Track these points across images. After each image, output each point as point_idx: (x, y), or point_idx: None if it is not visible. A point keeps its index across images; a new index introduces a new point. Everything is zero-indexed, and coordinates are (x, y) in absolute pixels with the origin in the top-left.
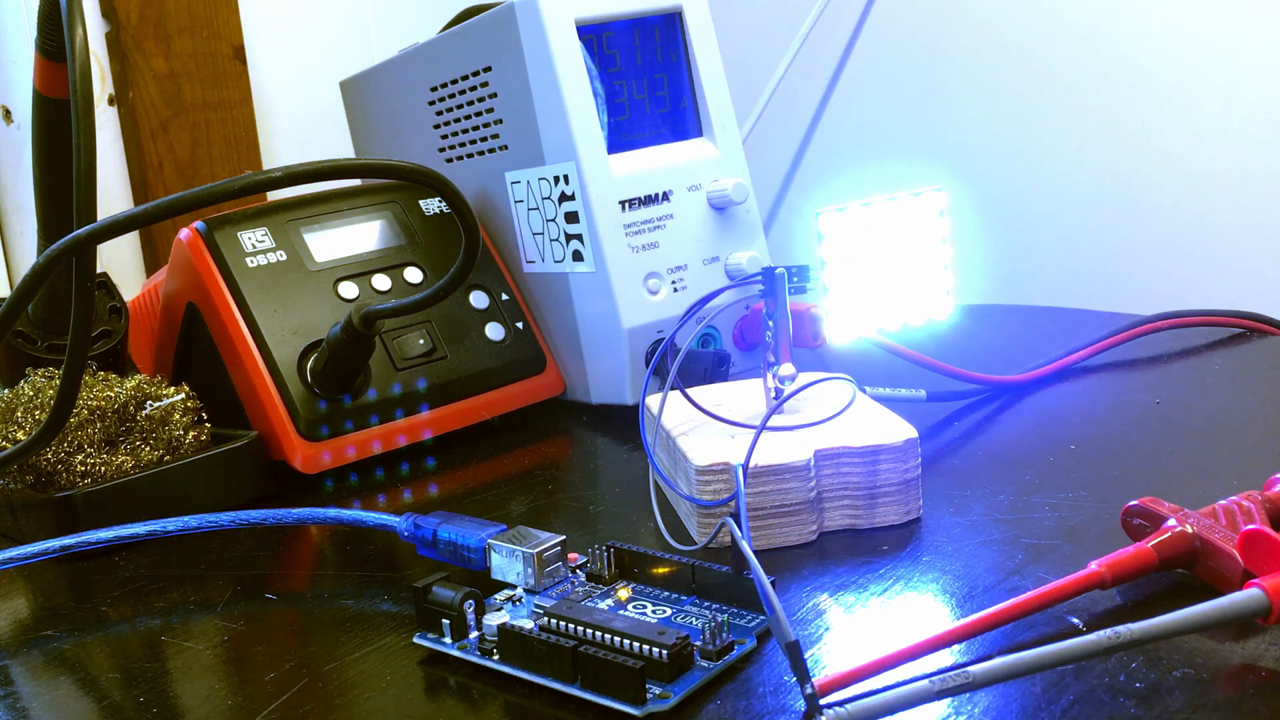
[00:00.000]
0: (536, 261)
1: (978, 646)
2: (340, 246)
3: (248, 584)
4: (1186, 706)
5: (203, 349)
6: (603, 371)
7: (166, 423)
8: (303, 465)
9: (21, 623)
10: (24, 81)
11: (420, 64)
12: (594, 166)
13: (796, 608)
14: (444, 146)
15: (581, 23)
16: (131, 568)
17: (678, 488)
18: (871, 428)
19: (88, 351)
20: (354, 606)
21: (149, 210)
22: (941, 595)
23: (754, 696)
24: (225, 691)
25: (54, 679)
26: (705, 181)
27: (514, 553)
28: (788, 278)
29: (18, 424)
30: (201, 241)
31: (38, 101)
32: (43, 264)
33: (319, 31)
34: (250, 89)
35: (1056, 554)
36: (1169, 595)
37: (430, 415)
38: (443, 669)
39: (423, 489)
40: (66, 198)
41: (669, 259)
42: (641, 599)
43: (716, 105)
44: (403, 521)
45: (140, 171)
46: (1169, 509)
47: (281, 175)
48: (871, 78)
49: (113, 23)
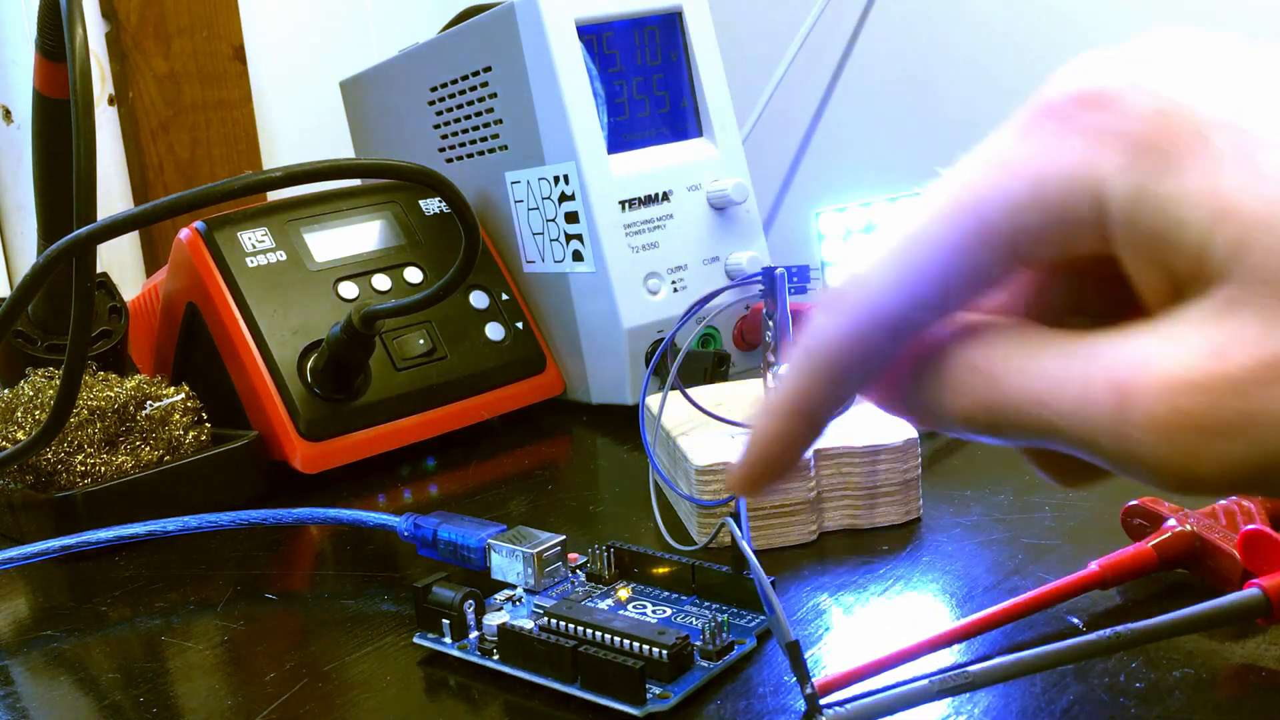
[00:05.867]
0: (536, 261)
1: (978, 646)
2: (340, 246)
3: (248, 584)
4: (1186, 706)
5: (203, 349)
6: (603, 371)
7: (166, 423)
8: (303, 465)
9: (21, 623)
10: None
11: (420, 64)
12: (594, 166)
13: (796, 608)
14: (444, 146)
15: (581, 23)
16: (131, 568)
17: (678, 488)
18: (871, 427)
19: (88, 351)
20: (354, 606)
21: (149, 210)
22: (941, 595)
23: (754, 696)
24: (225, 691)
25: (54, 679)
26: (705, 181)
27: (514, 553)
28: (788, 278)
29: (18, 424)
30: (201, 241)
31: (38, 101)
32: (43, 264)
33: (319, 31)
34: (250, 89)
35: (1056, 554)
36: (1169, 595)
37: (430, 415)
38: (443, 669)
39: (423, 489)
40: (66, 198)
41: (669, 259)
42: (641, 599)
43: (716, 105)
44: (402, 521)
45: (140, 171)
46: (1169, 509)
47: (281, 175)
48: (871, 78)
49: (113, 23)
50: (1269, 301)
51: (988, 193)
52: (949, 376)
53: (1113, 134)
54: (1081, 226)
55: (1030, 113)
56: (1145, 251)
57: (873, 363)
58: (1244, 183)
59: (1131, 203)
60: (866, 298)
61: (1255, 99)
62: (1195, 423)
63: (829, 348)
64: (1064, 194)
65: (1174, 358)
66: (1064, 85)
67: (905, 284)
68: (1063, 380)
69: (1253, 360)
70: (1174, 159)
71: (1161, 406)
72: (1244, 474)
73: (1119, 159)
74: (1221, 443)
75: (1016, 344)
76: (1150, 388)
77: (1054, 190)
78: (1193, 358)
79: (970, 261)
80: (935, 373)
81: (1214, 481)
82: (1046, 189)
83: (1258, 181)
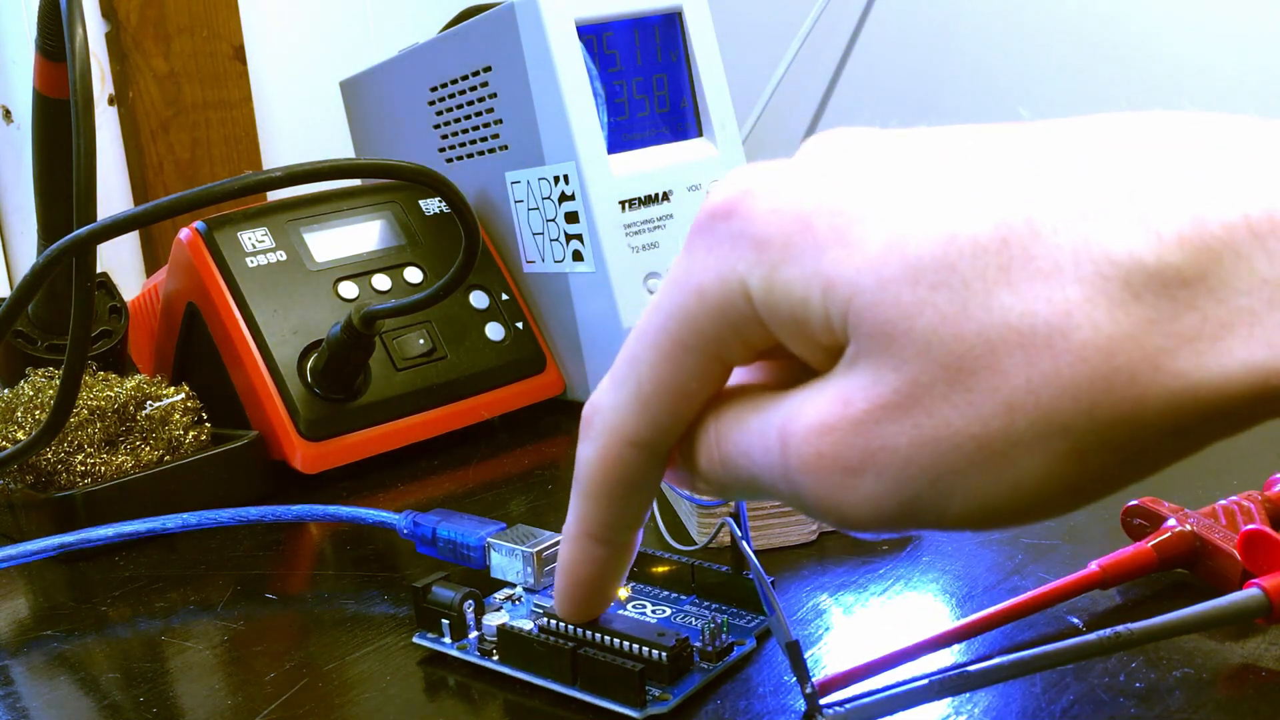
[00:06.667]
0: (536, 261)
1: (978, 646)
2: (340, 246)
3: (248, 584)
4: (1186, 706)
5: (203, 349)
6: (603, 371)
7: (166, 423)
8: (303, 465)
9: (21, 623)
10: (24, 81)
11: (420, 64)
12: (594, 166)
13: (796, 608)
14: (444, 146)
15: (581, 23)
16: (131, 568)
17: (678, 488)
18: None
19: (88, 351)
20: (354, 606)
21: (149, 210)
22: (941, 595)
23: (754, 696)
24: (225, 691)
25: (54, 679)
26: (705, 181)
27: (514, 551)
28: None
29: (18, 424)
30: (201, 241)
31: (38, 101)
32: (43, 264)
33: (319, 31)
34: (250, 89)
35: (1056, 554)
36: (1169, 595)
37: (430, 415)
38: (442, 669)
39: (423, 489)
40: (66, 198)
41: (669, 259)
42: (641, 599)
43: (716, 105)
44: (402, 519)
45: (140, 171)
46: (1169, 509)
47: (281, 175)
48: (871, 78)
49: (113, 23)
50: (875, 353)
51: (669, 309)
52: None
53: (739, 237)
54: (746, 321)
55: (691, 231)
56: (791, 332)
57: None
58: (840, 256)
59: (765, 293)
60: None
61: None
62: (832, 463)
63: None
64: (720, 298)
65: (814, 407)
66: (711, 200)
67: (635, 411)
68: (755, 433)
69: (867, 404)
70: (789, 249)
71: (808, 449)
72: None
73: (749, 256)
74: (856, 479)
75: (736, 408)
76: (798, 434)
77: (713, 297)
78: (827, 406)
79: (678, 370)
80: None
81: (866, 518)
82: (708, 297)
83: (850, 253)
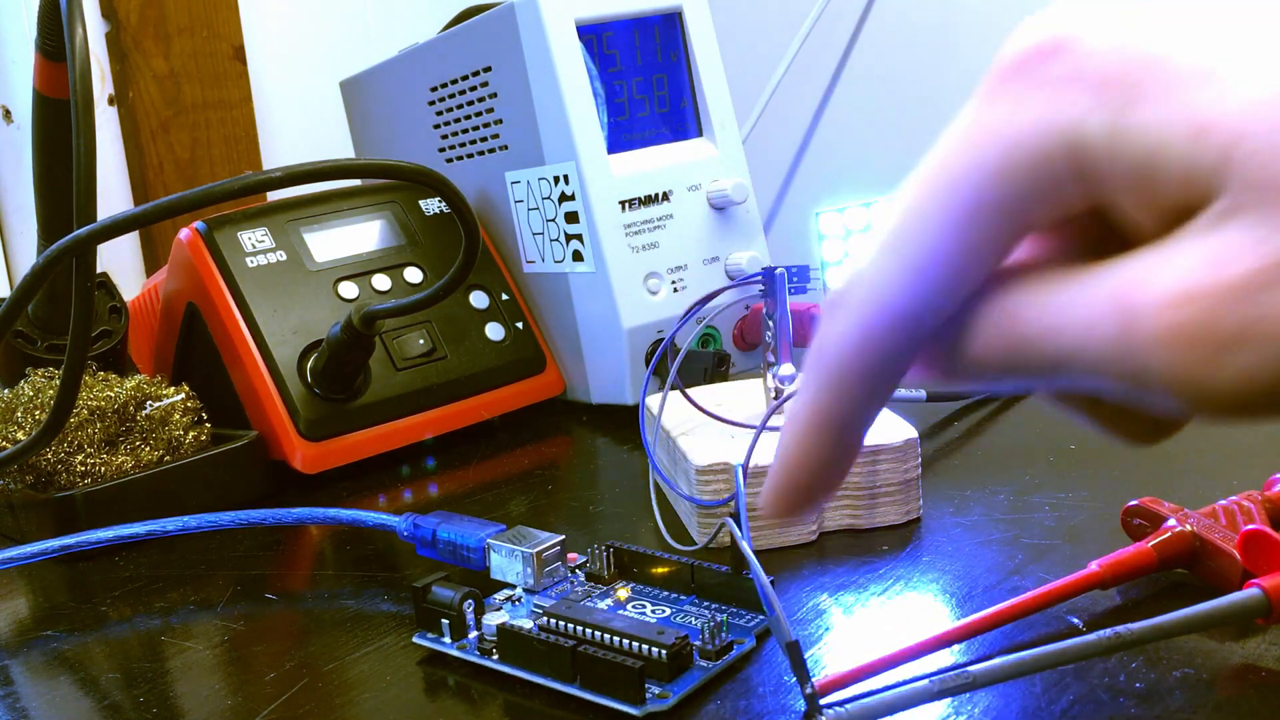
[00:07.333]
0: (536, 261)
1: (978, 646)
2: (340, 246)
3: (248, 584)
4: (1186, 706)
5: (203, 349)
6: (603, 371)
7: (166, 423)
8: (303, 465)
9: (21, 623)
10: (24, 81)
11: (420, 64)
12: (594, 166)
13: (796, 608)
14: (444, 146)
15: (581, 23)
16: (131, 568)
17: (678, 488)
18: (871, 428)
19: (88, 351)
20: (354, 606)
21: (149, 210)
22: (941, 595)
23: (754, 696)
24: (225, 691)
25: (54, 679)
26: (705, 181)
27: (513, 552)
28: (788, 278)
29: (18, 424)
30: (201, 241)
31: (38, 101)
32: (43, 264)
33: (319, 31)
34: (250, 89)
35: (1056, 554)
36: (1169, 595)
37: (430, 415)
38: (442, 669)
39: (423, 489)
40: (66, 198)
41: (669, 259)
42: (641, 599)
43: (716, 105)
44: (402, 521)
45: (140, 171)
46: (1169, 509)
47: (281, 175)
48: (871, 78)
49: (113, 23)
50: (1261, 206)
51: (962, 167)
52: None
53: (1074, 79)
54: (1065, 180)
55: (992, 79)
56: (1133, 187)
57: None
58: (1214, 96)
59: (1108, 141)
60: (872, 300)
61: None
62: (1201, 334)
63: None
64: (1039, 151)
65: (1173, 271)
66: (1018, 44)
67: (907, 281)
68: (1069, 307)
69: (1250, 266)
70: (1141, 89)
71: (1164, 320)
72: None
73: (1086, 101)
74: (1227, 354)
75: (1032, 282)
76: (1151, 303)
77: (1029, 150)
78: (1191, 269)
79: (965, 243)
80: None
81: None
82: (1021, 151)
83: (1226, 93)
